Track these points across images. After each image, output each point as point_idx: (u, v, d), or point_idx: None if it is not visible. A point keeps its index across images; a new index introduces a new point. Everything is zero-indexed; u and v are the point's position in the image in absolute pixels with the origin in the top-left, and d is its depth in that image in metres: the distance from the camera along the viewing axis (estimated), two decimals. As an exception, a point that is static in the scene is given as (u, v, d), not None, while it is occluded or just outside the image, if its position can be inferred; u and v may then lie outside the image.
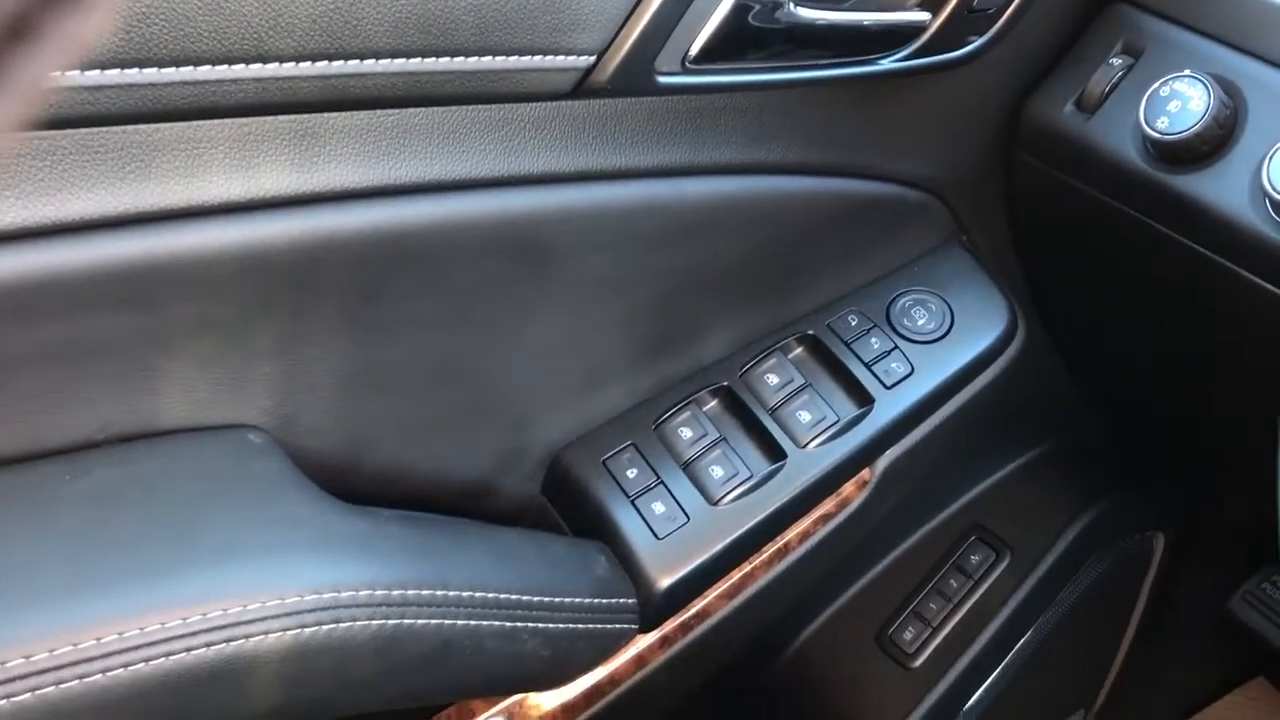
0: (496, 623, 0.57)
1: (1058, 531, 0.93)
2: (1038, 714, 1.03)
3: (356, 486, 0.59)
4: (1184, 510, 1.01)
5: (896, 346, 0.71)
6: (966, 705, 0.93)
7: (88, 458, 0.51)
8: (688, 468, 0.68)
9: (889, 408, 0.69)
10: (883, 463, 0.71)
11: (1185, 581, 1.06)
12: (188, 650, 0.47)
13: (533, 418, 0.66)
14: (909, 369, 0.70)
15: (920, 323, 0.72)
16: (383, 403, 0.60)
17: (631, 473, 0.67)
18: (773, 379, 0.70)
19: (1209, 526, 1.04)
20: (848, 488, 0.70)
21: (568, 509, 0.68)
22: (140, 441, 0.53)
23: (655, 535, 0.66)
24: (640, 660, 0.66)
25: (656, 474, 0.67)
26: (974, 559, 0.92)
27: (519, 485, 0.68)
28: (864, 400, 0.69)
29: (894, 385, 0.70)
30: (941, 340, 0.71)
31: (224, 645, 0.47)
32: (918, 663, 0.90)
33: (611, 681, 0.66)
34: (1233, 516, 1.04)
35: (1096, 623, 1.01)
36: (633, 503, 0.66)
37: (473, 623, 0.55)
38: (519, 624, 0.58)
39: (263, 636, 0.48)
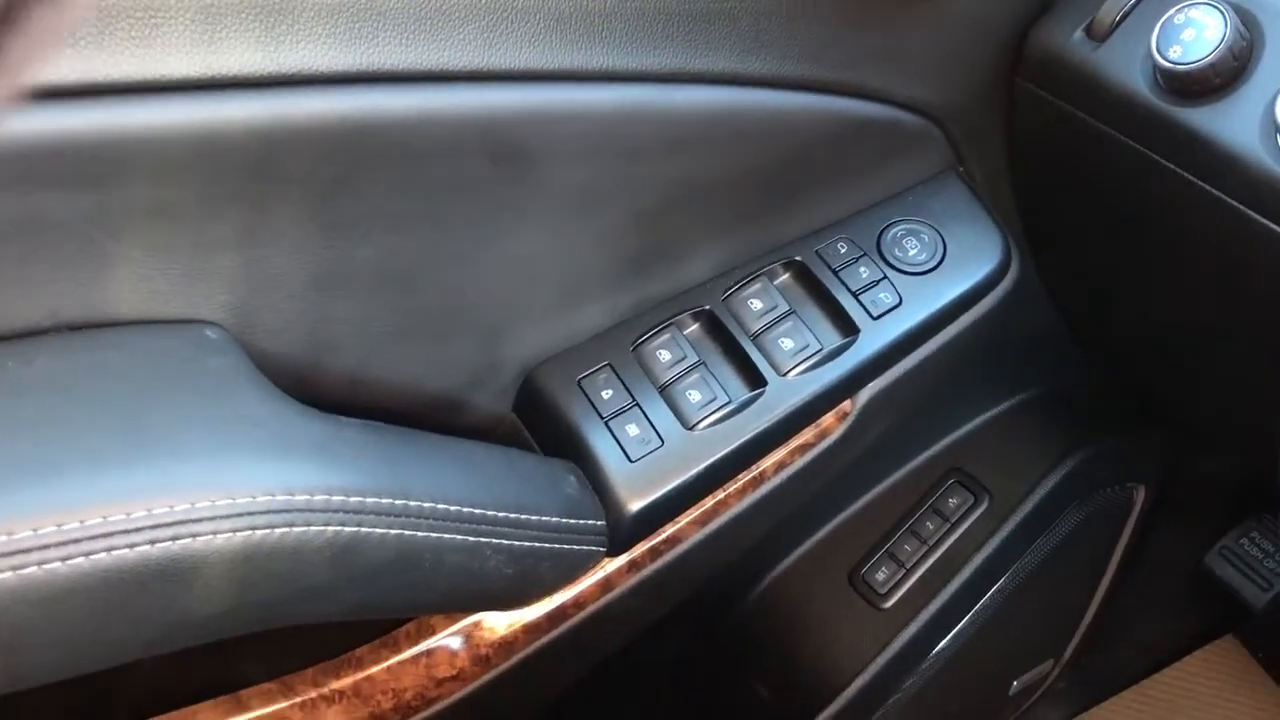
0: (459, 537, 0.55)
1: (1038, 478, 0.91)
2: (1007, 661, 1.02)
3: (319, 394, 0.56)
4: (1166, 464, 1.00)
5: (885, 276, 0.68)
6: (936, 649, 0.92)
7: (33, 345, 0.49)
8: (664, 391, 0.66)
9: (874, 339, 0.67)
10: (864, 395, 0.69)
11: (1163, 535, 1.05)
12: (130, 547, 0.45)
13: (506, 331, 0.64)
14: (897, 300, 0.68)
15: (911, 253, 0.70)
16: (348, 306, 0.57)
17: (606, 393, 0.65)
18: (756, 304, 0.68)
19: (1190, 481, 1.03)
20: (827, 419, 0.68)
21: (539, 428, 0.66)
22: (90, 331, 0.51)
23: (628, 458, 0.64)
24: (607, 584, 0.65)
25: (632, 396, 0.65)
26: (952, 502, 0.91)
27: (490, 402, 0.66)
28: (849, 330, 0.67)
29: (881, 316, 0.68)
30: (932, 272, 0.69)
31: (170, 544, 0.45)
32: (889, 604, 0.89)
33: (576, 605, 0.64)
34: (1215, 471, 1.03)
35: (1071, 573, 1.00)
36: (606, 424, 0.64)
37: (433, 535, 0.54)
38: (482, 539, 0.56)
39: (211, 536, 0.46)
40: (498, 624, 0.63)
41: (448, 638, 0.62)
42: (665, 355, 0.67)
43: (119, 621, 0.46)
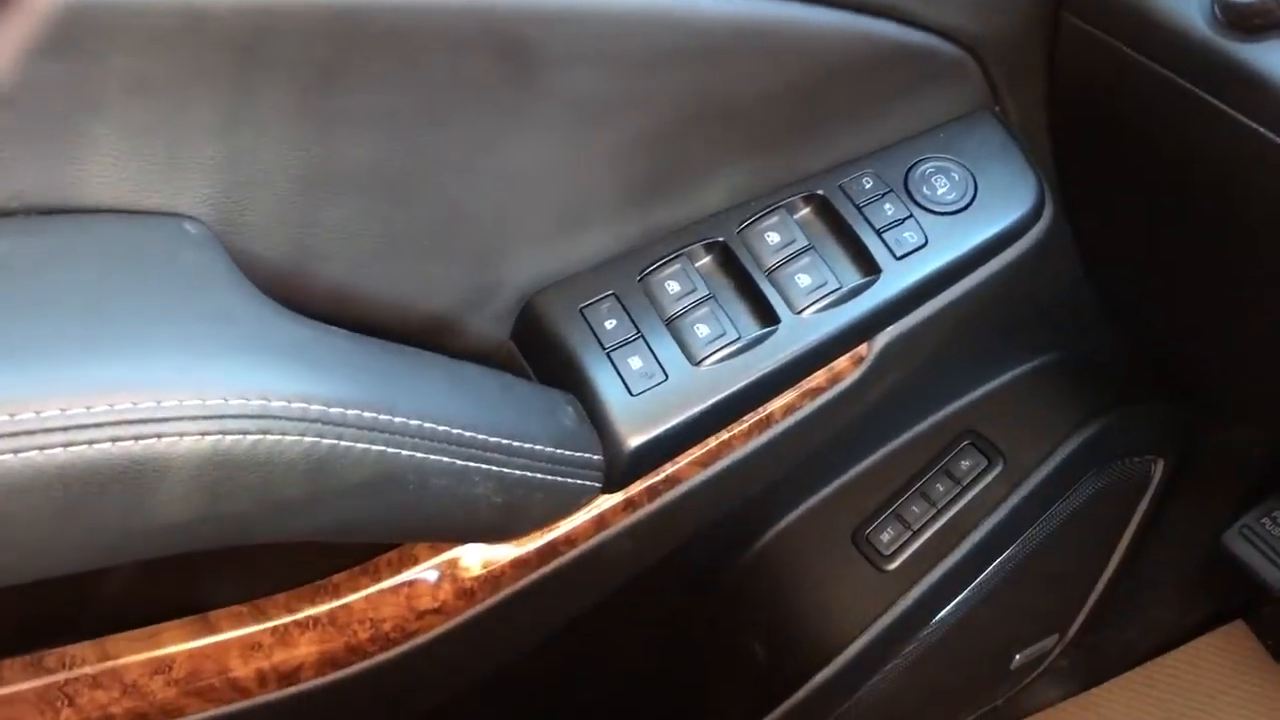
0: (445, 459, 0.52)
1: (1054, 444, 0.88)
2: (1011, 633, 0.99)
3: (304, 306, 0.53)
4: (1187, 437, 0.97)
5: (911, 215, 0.65)
6: (938, 615, 0.89)
7: (-5, 225, 0.46)
8: (671, 324, 0.62)
9: (896, 279, 0.63)
10: (882, 339, 0.65)
11: (1180, 511, 1.02)
12: (90, 444, 0.41)
13: (505, 251, 0.60)
14: (922, 240, 0.64)
15: (940, 192, 0.66)
16: (338, 211, 0.54)
17: (610, 323, 0.62)
18: (773, 238, 0.64)
19: (1211, 456, 1.00)
20: (842, 363, 0.65)
21: (537, 357, 0.63)
22: (58, 216, 0.47)
23: (629, 391, 0.60)
24: (601, 522, 0.61)
25: (637, 327, 0.62)
26: (964, 464, 0.88)
27: (486, 327, 0.62)
28: (870, 269, 0.64)
29: (904, 256, 0.64)
30: (961, 213, 0.65)
31: (132, 443, 0.42)
32: (893, 565, 0.86)
33: (568, 542, 0.61)
34: (1237, 447, 0.99)
35: (1083, 545, 0.97)
36: (608, 355, 0.61)
37: (418, 455, 0.50)
38: (470, 464, 0.53)
39: (176, 439, 0.43)
40: (484, 557, 0.59)
41: (431, 568, 0.59)
42: (674, 286, 0.63)
43: (76, 525, 0.43)
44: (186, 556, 0.57)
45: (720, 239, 0.64)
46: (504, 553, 0.60)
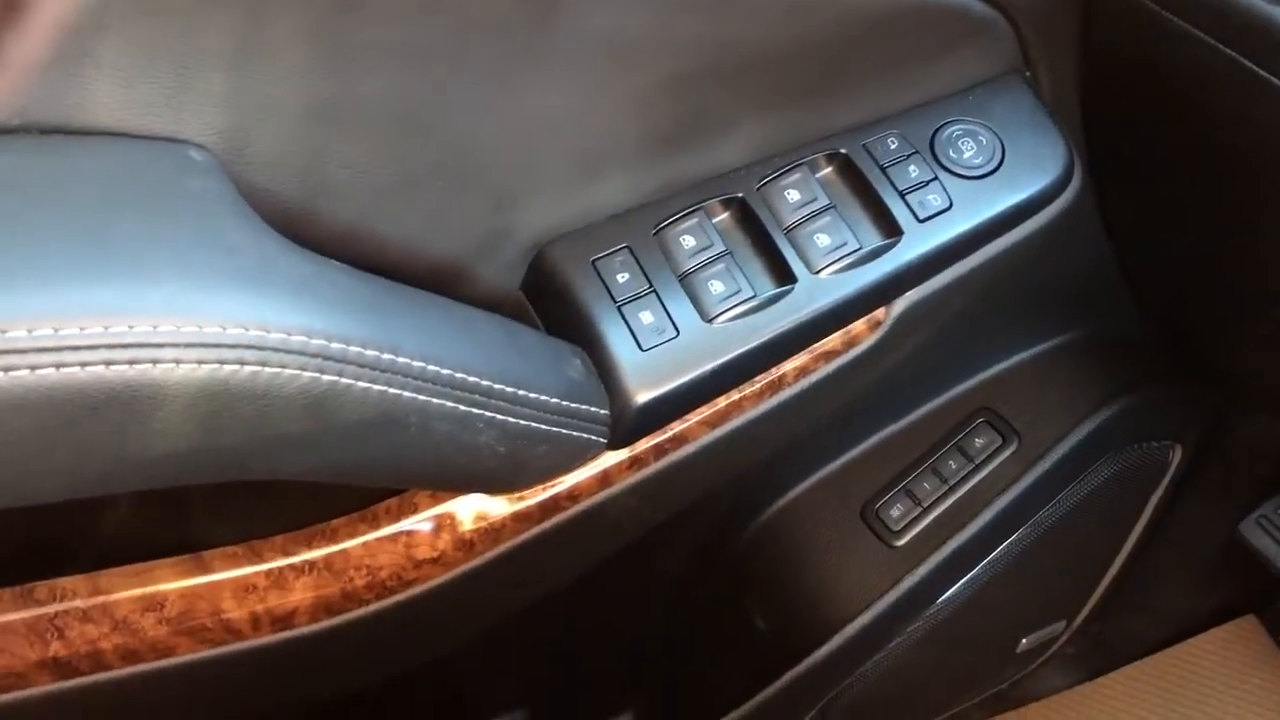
0: (449, 404, 0.50)
1: (1071, 425, 0.86)
2: (1018, 617, 0.98)
3: (312, 244, 0.52)
4: (1207, 424, 0.95)
5: (937, 177, 0.63)
6: (945, 594, 0.88)
7: (-5, 141, 0.45)
8: (685, 279, 0.61)
9: (918, 242, 0.62)
10: (901, 304, 0.64)
11: (1196, 500, 1.00)
12: (82, 365, 0.40)
13: (519, 197, 0.59)
14: (947, 203, 0.63)
15: (967, 155, 0.64)
16: (350, 147, 0.52)
17: (622, 277, 0.60)
18: (793, 195, 0.63)
19: (1231, 445, 0.98)
20: (859, 326, 0.63)
21: (547, 309, 0.62)
22: (61, 136, 0.46)
23: (639, 346, 0.59)
24: (605, 479, 0.60)
25: (650, 281, 0.60)
26: (978, 442, 0.86)
27: (496, 275, 0.61)
28: (891, 231, 0.62)
29: (927, 219, 0.62)
30: (987, 177, 0.64)
31: (126, 367, 0.41)
32: (901, 542, 0.85)
33: (571, 497, 0.60)
34: (1258, 436, 0.97)
35: (1095, 530, 0.95)
36: (619, 308, 0.60)
37: (420, 398, 0.49)
38: (474, 410, 0.52)
39: (172, 365, 0.42)
40: (486, 508, 0.58)
41: (431, 518, 0.58)
42: (689, 241, 0.62)
43: (66, 449, 0.42)
44: (183, 495, 0.56)
45: (739, 195, 0.62)
46: (505, 505, 0.59)
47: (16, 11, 0.43)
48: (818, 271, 0.61)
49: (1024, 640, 1.00)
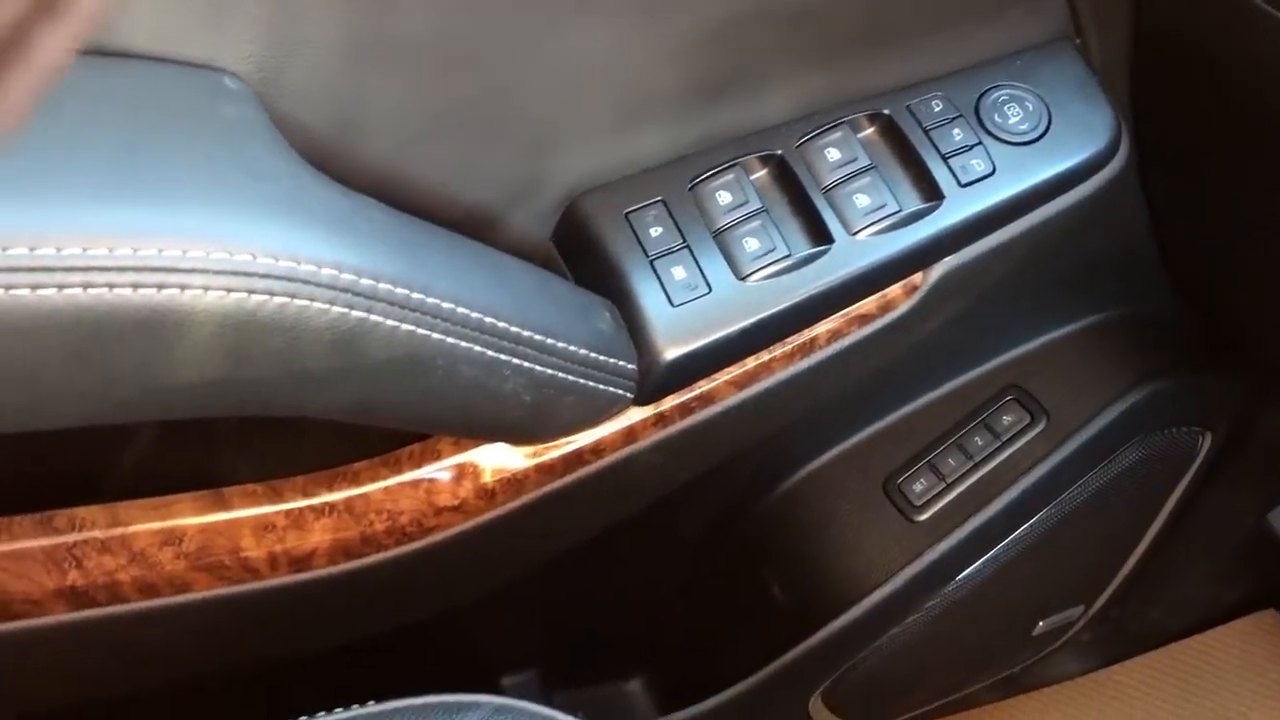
0: (477, 348, 0.50)
1: (1101, 406, 0.85)
2: (1037, 599, 0.97)
3: (344, 183, 0.51)
4: (1239, 412, 0.93)
5: (981, 142, 0.62)
6: (964, 572, 0.87)
7: (29, 60, 0.44)
8: (719, 236, 0.60)
9: (959, 207, 0.61)
10: (938, 270, 0.62)
11: (1223, 490, 0.98)
12: (110, 287, 0.40)
13: (555, 144, 0.58)
14: (990, 169, 0.61)
15: (1012, 121, 0.63)
16: (386, 83, 0.52)
17: (655, 231, 0.59)
18: (833, 155, 0.61)
19: (1263, 434, 0.96)
20: (895, 290, 0.62)
21: (578, 260, 0.61)
22: (94, 57, 0.45)
23: (670, 301, 0.58)
24: (630, 434, 0.59)
25: (683, 236, 0.59)
26: (1006, 419, 0.85)
27: (528, 225, 0.60)
28: (932, 195, 0.61)
29: (969, 184, 0.61)
30: (1033, 144, 0.62)
31: (154, 291, 0.40)
32: (923, 517, 0.84)
33: (595, 451, 0.59)
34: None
35: (1120, 514, 0.94)
36: (651, 262, 0.59)
37: (449, 340, 0.48)
38: (502, 356, 0.51)
39: (200, 292, 0.41)
40: (509, 459, 0.58)
41: (453, 466, 0.57)
42: (725, 197, 0.60)
43: (91, 372, 0.41)
44: (205, 431, 0.56)
45: (778, 152, 0.61)
46: (528, 457, 0.58)
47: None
48: (855, 233, 0.60)
49: (1041, 623, 0.99)
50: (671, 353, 0.58)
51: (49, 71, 0.18)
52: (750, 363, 0.61)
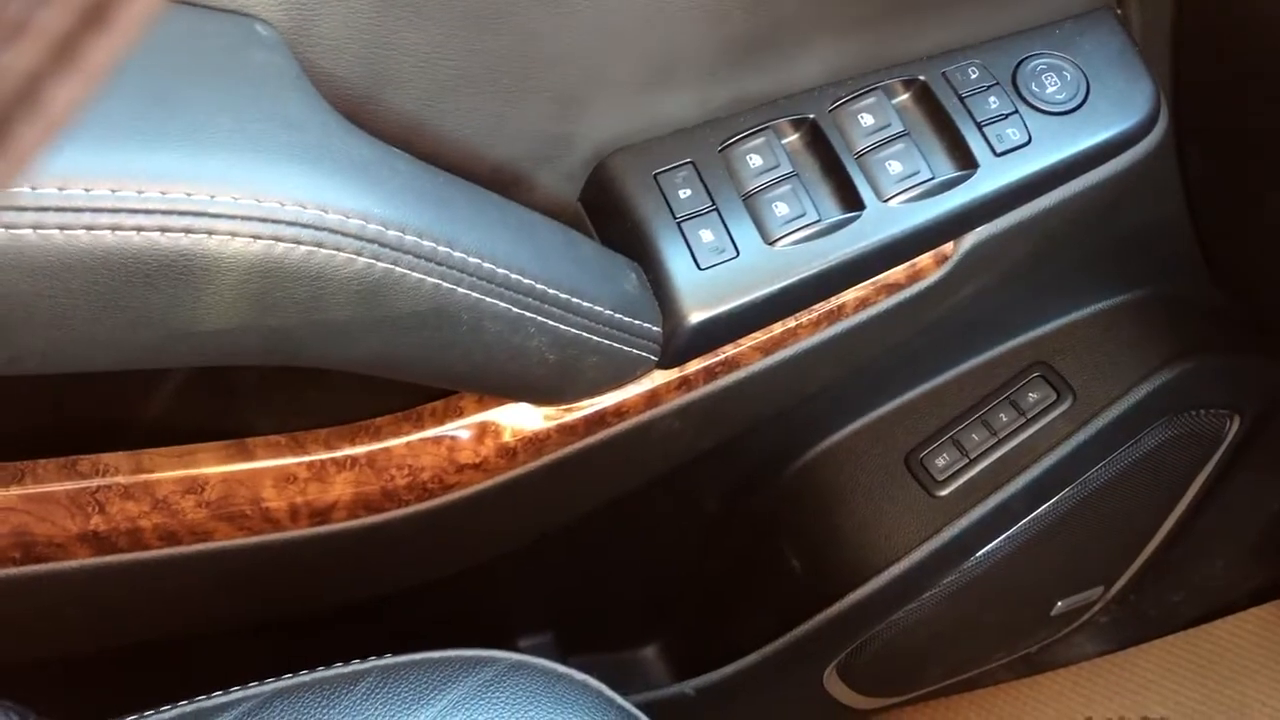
0: (501, 304, 0.49)
1: (1128, 386, 0.84)
2: (1056, 578, 0.96)
3: (372, 134, 0.51)
4: (1266, 397, 0.92)
5: (1017, 111, 0.61)
6: (984, 549, 0.86)
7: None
8: (749, 199, 0.59)
9: (993, 176, 0.60)
10: (970, 239, 0.62)
11: (1249, 474, 0.97)
12: (138, 230, 0.40)
13: (585, 101, 0.57)
14: (1025, 138, 0.60)
15: (1050, 90, 0.61)
16: (416, 35, 0.51)
17: (684, 193, 0.59)
18: (867, 120, 0.61)
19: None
20: (925, 260, 0.61)
21: (605, 221, 0.60)
22: None
23: (697, 264, 0.57)
24: (653, 398, 0.59)
25: (712, 199, 0.59)
26: (1031, 396, 0.84)
27: (556, 183, 0.60)
28: (966, 163, 0.60)
29: (1004, 153, 0.60)
30: (1070, 114, 0.61)
31: (181, 235, 0.40)
32: (944, 492, 0.83)
33: (617, 413, 0.59)
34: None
35: (1143, 496, 0.93)
36: (679, 224, 0.58)
37: (474, 295, 0.48)
38: (526, 313, 0.51)
39: (228, 238, 0.41)
40: (531, 418, 0.58)
41: (475, 424, 0.57)
42: (756, 161, 0.60)
43: (117, 316, 0.41)
44: (230, 382, 0.56)
45: (810, 116, 0.60)
46: (550, 417, 0.58)
47: None
48: (887, 200, 0.59)
49: (1059, 603, 0.99)
50: (697, 316, 0.57)
51: (59, 123, 0.18)
52: (777, 329, 0.60)
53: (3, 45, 0.17)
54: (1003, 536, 0.86)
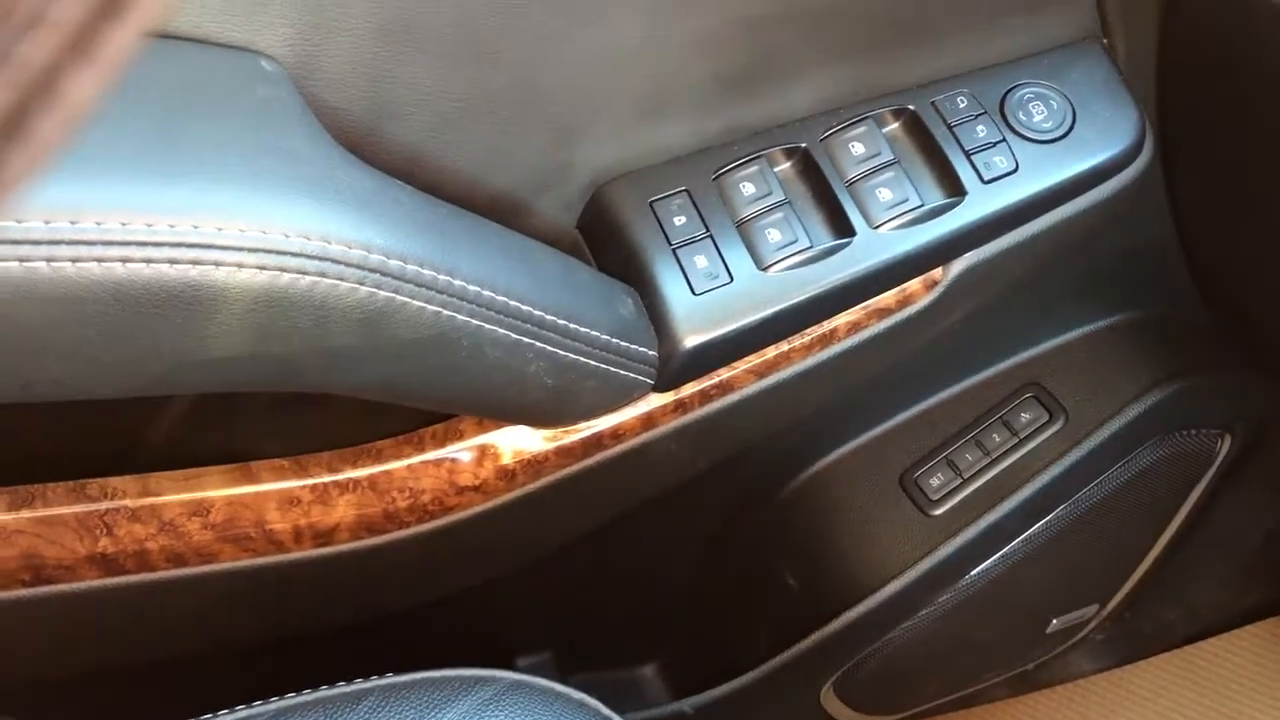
0: (501, 330, 0.51)
1: (1121, 405, 0.85)
2: (1051, 597, 0.97)
3: (374, 166, 0.52)
4: (1259, 415, 0.93)
5: (1004, 139, 0.62)
6: (979, 568, 0.87)
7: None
8: (742, 226, 0.60)
9: (981, 203, 0.61)
10: (959, 265, 0.63)
11: (1241, 493, 0.98)
12: (147, 262, 0.41)
13: (582, 132, 0.58)
14: (1013, 166, 0.62)
15: (1037, 119, 0.63)
16: (416, 69, 0.53)
17: (679, 220, 0.60)
18: (858, 149, 0.62)
19: (1280, 439, 0.96)
20: (915, 285, 0.63)
21: (602, 248, 0.62)
22: (137, 37, 0.46)
23: (692, 290, 0.59)
24: (649, 420, 0.60)
25: (706, 226, 0.60)
26: (1024, 417, 0.85)
27: (554, 212, 0.61)
28: (955, 190, 0.61)
29: (992, 180, 0.61)
30: (1057, 142, 0.63)
31: (189, 267, 0.42)
32: (938, 511, 0.84)
33: (614, 436, 0.60)
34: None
35: (1136, 514, 0.94)
36: (674, 251, 0.59)
37: (474, 322, 0.49)
38: (525, 339, 0.52)
39: (234, 269, 0.42)
40: (529, 441, 0.59)
41: (475, 446, 0.58)
42: (749, 189, 0.61)
43: (127, 345, 0.43)
44: (235, 407, 0.57)
45: (802, 145, 0.62)
46: (548, 440, 0.59)
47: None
48: (877, 226, 0.60)
49: (1054, 621, 1.00)
50: (692, 340, 0.58)
51: (78, 113, 0.18)
52: (770, 352, 0.61)
53: (19, 37, 0.17)
54: (997, 555, 0.87)
